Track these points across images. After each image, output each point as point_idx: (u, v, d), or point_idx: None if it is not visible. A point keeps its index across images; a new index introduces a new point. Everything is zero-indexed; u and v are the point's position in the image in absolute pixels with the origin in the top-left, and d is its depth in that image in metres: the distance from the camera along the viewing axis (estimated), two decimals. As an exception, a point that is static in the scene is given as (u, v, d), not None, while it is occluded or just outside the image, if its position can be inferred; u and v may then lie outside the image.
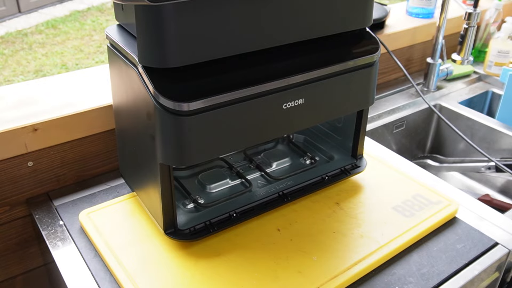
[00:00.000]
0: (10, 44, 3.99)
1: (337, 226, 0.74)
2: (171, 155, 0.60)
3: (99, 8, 4.87)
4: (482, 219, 0.78)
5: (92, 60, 3.78)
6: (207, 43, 0.57)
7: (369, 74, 0.73)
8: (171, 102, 0.56)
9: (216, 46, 0.58)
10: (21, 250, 0.86)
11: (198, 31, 0.55)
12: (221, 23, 0.57)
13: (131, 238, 0.71)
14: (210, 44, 0.57)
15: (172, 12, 0.53)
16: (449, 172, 1.26)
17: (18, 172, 0.80)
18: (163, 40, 0.54)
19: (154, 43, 0.55)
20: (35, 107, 0.81)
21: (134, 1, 0.52)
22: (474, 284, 0.69)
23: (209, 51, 0.58)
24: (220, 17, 0.56)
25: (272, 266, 0.66)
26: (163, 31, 0.54)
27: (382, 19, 1.18)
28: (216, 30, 0.57)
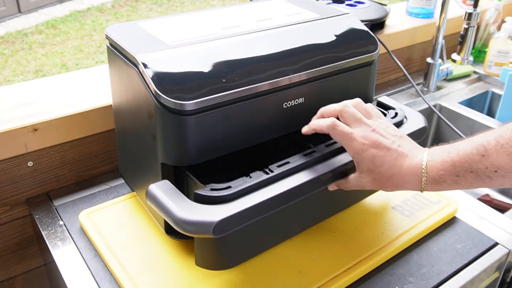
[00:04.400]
0: (10, 44, 3.99)
1: (337, 226, 0.74)
2: (172, 154, 0.60)
3: (99, 8, 4.87)
4: (482, 219, 0.78)
5: (92, 60, 3.78)
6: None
7: (368, 72, 0.73)
8: (172, 102, 0.56)
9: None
10: (21, 250, 0.86)
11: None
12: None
13: (131, 238, 0.71)
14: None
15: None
16: (449, 172, 1.26)
17: (18, 172, 0.80)
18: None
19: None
20: (35, 107, 0.81)
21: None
22: (474, 284, 0.69)
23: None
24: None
25: (272, 266, 0.66)
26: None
27: (382, 19, 1.18)
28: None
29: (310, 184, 0.60)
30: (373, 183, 0.59)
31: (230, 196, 0.55)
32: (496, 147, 0.52)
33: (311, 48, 0.68)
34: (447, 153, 0.56)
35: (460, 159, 0.54)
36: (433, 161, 0.57)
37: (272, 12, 0.77)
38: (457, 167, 0.55)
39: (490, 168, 0.53)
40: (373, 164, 0.58)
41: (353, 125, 0.60)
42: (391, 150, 0.58)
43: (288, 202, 0.58)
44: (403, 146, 0.59)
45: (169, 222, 0.54)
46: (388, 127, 0.61)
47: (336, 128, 0.59)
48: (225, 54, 0.63)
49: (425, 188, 0.57)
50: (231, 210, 0.53)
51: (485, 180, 0.54)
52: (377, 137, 0.58)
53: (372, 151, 0.58)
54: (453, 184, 0.56)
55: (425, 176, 0.56)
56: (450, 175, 0.55)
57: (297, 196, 0.59)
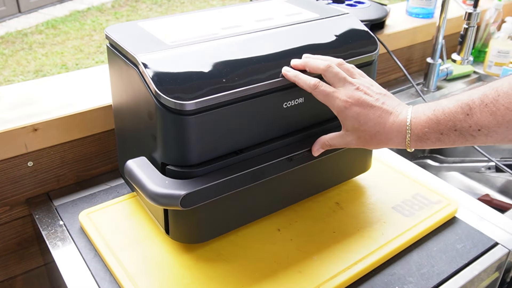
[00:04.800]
0: (10, 44, 3.99)
1: (337, 226, 0.74)
2: (172, 154, 0.61)
3: (99, 8, 4.87)
4: (482, 219, 0.78)
5: (92, 60, 3.78)
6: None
7: (368, 72, 0.73)
8: (172, 102, 0.56)
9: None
10: (21, 250, 0.86)
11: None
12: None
13: (131, 238, 0.71)
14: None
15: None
16: (449, 172, 1.26)
17: (18, 172, 0.80)
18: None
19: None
20: (35, 107, 0.81)
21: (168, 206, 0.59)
22: (474, 284, 0.69)
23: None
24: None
25: (272, 266, 0.66)
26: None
27: (382, 19, 1.18)
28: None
29: (279, 164, 0.65)
30: (357, 141, 0.60)
31: (200, 172, 0.60)
32: (480, 106, 0.53)
33: (311, 48, 0.68)
34: (432, 110, 0.56)
35: (445, 117, 0.55)
36: (417, 118, 0.57)
37: (272, 12, 0.77)
38: (442, 125, 0.55)
39: (473, 127, 0.53)
40: (357, 122, 0.59)
41: (337, 84, 0.61)
42: (375, 108, 0.59)
43: (255, 180, 0.63)
44: (387, 104, 0.59)
45: (143, 194, 0.58)
46: (372, 85, 0.62)
47: (318, 88, 0.60)
48: (225, 54, 0.63)
49: (409, 145, 0.58)
50: (198, 185, 0.58)
51: (468, 138, 0.54)
52: (361, 95, 0.59)
53: (356, 109, 0.59)
54: (436, 142, 0.56)
55: (409, 133, 0.57)
56: (434, 133, 0.56)
57: (264, 175, 0.64)
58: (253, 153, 0.64)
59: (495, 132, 0.53)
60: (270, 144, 0.66)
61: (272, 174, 0.65)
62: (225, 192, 0.61)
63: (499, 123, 0.52)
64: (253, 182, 0.63)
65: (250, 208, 0.70)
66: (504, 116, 0.51)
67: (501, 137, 0.53)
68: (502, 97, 0.51)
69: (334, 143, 0.63)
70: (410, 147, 0.58)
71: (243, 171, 0.61)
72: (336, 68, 0.61)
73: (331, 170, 0.78)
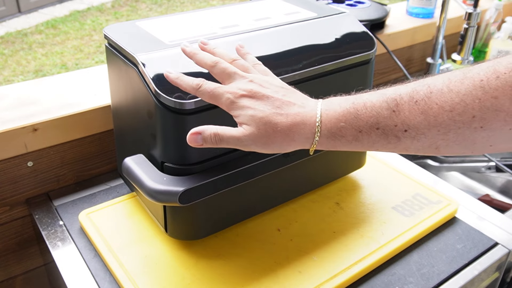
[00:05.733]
0: (10, 44, 3.99)
1: (337, 226, 0.74)
2: (172, 153, 0.61)
3: (99, 8, 4.87)
4: (482, 219, 0.78)
5: (92, 60, 3.78)
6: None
7: (365, 71, 0.74)
8: (172, 101, 0.56)
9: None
10: (21, 250, 0.86)
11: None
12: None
13: (131, 238, 0.71)
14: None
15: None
16: (449, 172, 1.26)
17: (18, 172, 0.80)
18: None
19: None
20: (35, 107, 0.81)
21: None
22: (474, 284, 0.69)
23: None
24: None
25: (272, 266, 0.66)
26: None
27: (382, 19, 1.18)
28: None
29: (274, 161, 0.65)
30: (254, 141, 0.49)
31: (197, 169, 0.61)
32: (409, 102, 0.45)
33: (308, 47, 0.68)
34: (351, 103, 0.48)
35: (366, 111, 0.47)
36: (331, 110, 0.48)
37: (270, 11, 0.77)
38: (362, 120, 0.47)
39: (399, 126, 0.46)
40: (251, 117, 0.48)
41: (226, 81, 0.52)
42: (273, 99, 0.49)
43: (253, 176, 0.63)
44: (290, 96, 0.50)
45: (141, 191, 0.58)
46: (274, 80, 0.53)
47: (202, 87, 0.51)
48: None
49: (317, 143, 0.48)
50: (196, 181, 0.58)
51: (391, 140, 0.46)
52: (254, 87, 0.50)
53: (248, 100, 0.49)
54: (353, 141, 0.48)
55: (319, 127, 0.48)
56: (351, 129, 0.47)
57: (261, 171, 0.64)
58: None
59: (424, 136, 0.45)
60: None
61: (269, 170, 0.65)
62: (222, 188, 0.61)
63: (430, 125, 0.45)
64: (250, 178, 0.63)
65: (247, 205, 0.71)
66: (437, 116, 0.44)
67: (429, 143, 0.46)
68: (435, 94, 0.45)
69: (223, 138, 0.50)
70: (319, 145, 0.49)
71: (240, 167, 0.62)
72: (225, 63, 0.53)
73: (327, 166, 0.78)
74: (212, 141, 0.50)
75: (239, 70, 0.53)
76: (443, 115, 0.44)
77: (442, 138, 0.45)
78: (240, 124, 0.50)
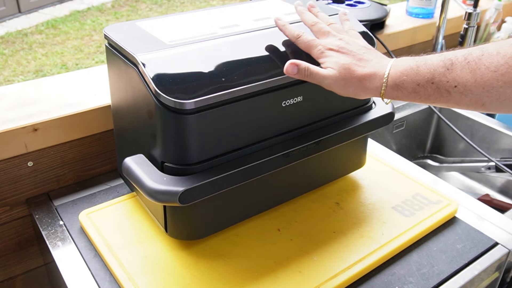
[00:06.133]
0: (10, 44, 3.99)
1: (337, 226, 0.74)
2: (172, 153, 0.61)
3: (99, 8, 4.87)
4: (482, 219, 0.78)
5: (92, 60, 3.78)
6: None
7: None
8: (172, 101, 0.56)
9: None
10: (21, 250, 0.86)
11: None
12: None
13: (131, 238, 0.71)
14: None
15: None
16: (449, 172, 1.26)
17: (18, 172, 0.80)
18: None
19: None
20: (35, 107, 0.81)
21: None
22: (474, 284, 0.69)
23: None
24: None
25: (272, 266, 0.66)
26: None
27: (382, 19, 1.18)
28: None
29: (274, 161, 0.65)
30: (334, 82, 0.59)
31: (197, 169, 0.61)
32: (462, 62, 0.52)
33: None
34: (415, 61, 0.56)
35: (426, 68, 0.55)
36: (398, 66, 0.57)
37: (270, 11, 0.77)
38: (420, 75, 0.55)
39: (451, 82, 0.53)
40: (335, 63, 0.59)
41: (321, 37, 0.63)
42: (355, 54, 0.60)
43: (253, 176, 0.64)
44: (370, 54, 0.60)
45: (141, 191, 0.58)
46: (360, 41, 0.63)
47: (301, 37, 0.63)
48: (224, 53, 0.63)
49: (384, 92, 0.57)
50: (196, 181, 0.58)
51: (443, 94, 0.54)
52: (342, 44, 0.61)
53: (335, 53, 0.60)
54: (412, 93, 0.56)
55: (387, 78, 0.57)
56: (411, 82, 0.56)
57: (261, 171, 0.64)
58: (250, 149, 0.65)
59: (470, 92, 0.52)
60: (266, 140, 0.66)
61: (269, 170, 0.65)
62: (222, 188, 0.61)
63: (477, 83, 0.51)
64: (250, 178, 0.64)
65: (247, 204, 0.71)
66: (483, 75, 0.51)
67: (475, 99, 0.52)
68: (486, 57, 0.51)
69: (311, 73, 0.60)
70: (386, 94, 0.58)
71: (240, 167, 0.62)
72: (322, 24, 0.64)
73: (326, 166, 0.78)
74: (303, 74, 0.60)
75: (333, 30, 0.64)
76: (488, 74, 0.50)
77: (486, 95, 0.51)
78: (326, 68, 0.60)
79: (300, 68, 0.60)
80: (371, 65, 0.59)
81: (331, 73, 0.59)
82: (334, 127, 0.71)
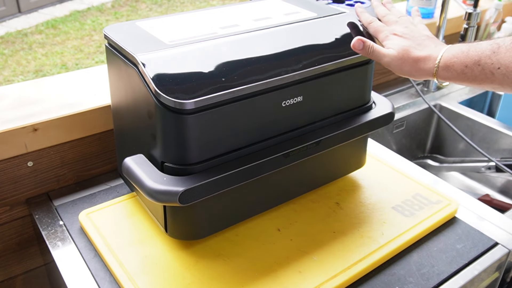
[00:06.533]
0: (10, 44, 3.99)
1: (337, 226, 0.74)
2: (172, 154, 0.61)
3: (99, 8, 4.87)
4: (482, 219, 0.78)
5: (92, 60, 3.78)
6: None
7: (365, 71, 0.74)
8: (172, 101, 0.56)
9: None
10: (21, 250, 0.86)
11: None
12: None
13: (131, 238, 0.71)
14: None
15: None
16: (449, 172, 1.26)
17: (18, 172, 0.80)
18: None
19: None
20: (35, 107, 0.81)
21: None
22: (474, 284, 0.69)
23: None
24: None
25: (272, 266, 0.66)
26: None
27: (382, 19, 1.18)
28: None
29: (274, 161, 0.65)
30: (393, 60, 0.65)
31: (197, 169, 0.61)
32: (507, 46, 0.56)
33: (309, 47, 0.68)
34: (467, 46, 0.61)
35: (475, 51, 0.59)
36: (451, 49, 0.62)
37: (270, 11, 0.77)
38: (469, 57, 0.59)
39: (495, 64, 0.57)
40: (396, 44, 0.65)
41: (389, 24, 0.70)
42: (415, 39, 0.66)
43: (253, 176, 0.64)
44: (429, 40, 0.66)
45: (141, 191, 0.58)
46: (423, 30, 0.69)
47: (371, 24, 0.71)
48: (224, 53, 0.63)
49: (436, 72, 0.62)
50: (196, 181, 0.58)
51: (488, 75, 0.58)
52: (406, 31, 0.67)
53: (397, 37, 0.66)
54: (460, 74, 0.60)
55: (439, 61, 0.62)
56: (460, 64, 0.60)
57: (261, 171, 0.65)
58: (250, 149, 0.65)
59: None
60: (266, 140, 0.66)
61: (269, 171, 0.66)
62: (223, 188, 0.61)
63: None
64: (250, 178, 0.64)
65: (247, 205, 0.71)
66: None
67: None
68: None
69: (374, 51, 0.66)
70: (437, 75, 0.62)
71: (240, 167, 0.62)
72: (392, 15, 0.72)
73: (326, 166, 0.78)
74: (367, 50, 0.67)
75: (401, 21, 0.70)
76: None
77: None
78: (388, 48, 0.66)
79: (365, 45, 0.66)
80: (428, 49, 0.64)
81: (390, 53, 0.65)
82: (334, 127, 0.71)
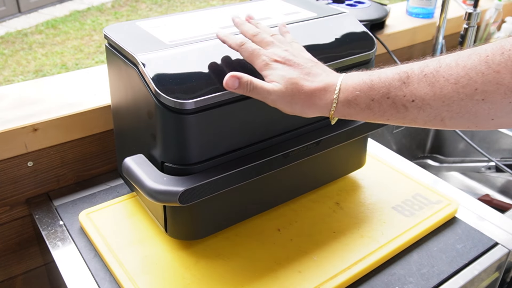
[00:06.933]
0: (10, 44, 3.99)
1: (337, 226, 0.74)
2: (172, 154, 0.61)
3: (99, 8, 4.87)
4: (482, 219, 0.78)
5: (92, 60, 3.78)
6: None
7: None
8: (172, 101, 0.56)
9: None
10: (21, 250, 0.86)
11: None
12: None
13: (131, 238, 0.71)
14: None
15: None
16: (449, 172, 1.26)
17: (18, 172, 0.80)
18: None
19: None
20: (35, 107, 0.81)
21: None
22: (474, 284, 0.69)
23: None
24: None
25: (272, 266, 0.66)
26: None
27: (382, 19, 1.18)
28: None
29: (274, 161, 0.65)
30: (280, 98, 0.55)
31: (197, 169, 0.61)
32: (419, 75, 0.49)
33: (308, 47, 0.68)
34: (368, 75, 0.53)
35: (380, 82, 0.51)
36: (350, 80, 0.53)
37: (270, 11, 0.77)
38: (375, 90, 0.51)
39: (408, 96, 0.49)
40: (281, 76, 0.55)
41: (265, 47, 0.59)
42: (302, 67, 0.56)
43: (252, 176, 0.64)
44: (318, 67, 0.56)
45: (141, 191, 0.58)
46: (305, 54, 0.59)
47: (245, 45, 0.58)
48: (224, 53, 0.63)
49: (335, 109, 0.53)
50: (196, 181, 0.58)
51: (400, 109, 0.50)
52: (288, 55, 0.56)
53: (281, 65, 0.55)
54: (366, 109, 0.52)
55: (338, 94, 0.53)
56: (365, 98, 0.52)
57: (261, 171, 0.64)
58: (250, 149, 0.65)
59: (429, 106, 0.48)
60: (266, 141, 0.66)
61: (269, 171, 0.65)
62: (223, 188, 0.61)
63: (436, 96, 0.48)
64: (250, 178, 0.64)
65: (247, 204, 0.71)
66: (442, 88, 0.47)
67: (434, 114, 0.49)
68: (444, 68, 0.48)
69: (255, 88, 0.55)
70: (336, 112, 0.54)
71: (240, 167, 0.62)
72: (265, 34, 0.60)
73: (326, 166, 0.78)
74: (245, 88, 0.55)
75: (276, 41, 0.59)
76: (448, 87, 0.47)
77: (446, 109, 0.48)
78: (271, 81, 0.55)
79: (241, 82, 0.55)
80: (320, 79, 0.55)
81: (276, 88, 0.54)
82: (334, 127, 0.71)
